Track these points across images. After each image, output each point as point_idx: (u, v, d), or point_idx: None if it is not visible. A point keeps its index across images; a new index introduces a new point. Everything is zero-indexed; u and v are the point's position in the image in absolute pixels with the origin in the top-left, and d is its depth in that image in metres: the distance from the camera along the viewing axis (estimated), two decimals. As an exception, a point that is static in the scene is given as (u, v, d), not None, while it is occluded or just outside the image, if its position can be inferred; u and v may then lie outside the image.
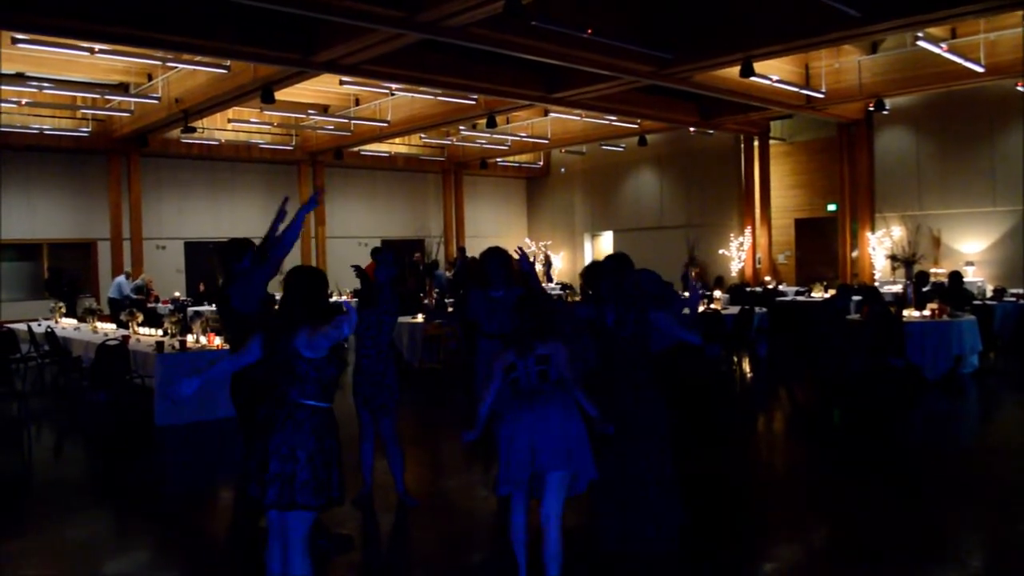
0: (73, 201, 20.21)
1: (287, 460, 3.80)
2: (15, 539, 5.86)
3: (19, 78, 16.99)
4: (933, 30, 14.42)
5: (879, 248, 19.49)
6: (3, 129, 17.82)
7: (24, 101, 17.46)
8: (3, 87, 16.56)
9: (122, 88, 18.45)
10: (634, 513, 5.07)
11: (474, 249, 21.58)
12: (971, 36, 14.97)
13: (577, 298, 17.25)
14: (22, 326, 13.30)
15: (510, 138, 23.11)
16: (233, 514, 6.06)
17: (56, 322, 13.97)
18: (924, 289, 12.96)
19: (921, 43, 14.01)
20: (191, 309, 16.58)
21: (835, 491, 6.59)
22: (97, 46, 13.04)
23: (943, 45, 14.49)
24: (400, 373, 6.27)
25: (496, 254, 6.28)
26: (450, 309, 14.17)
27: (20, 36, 11.97)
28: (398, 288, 6.23)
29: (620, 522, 5.10)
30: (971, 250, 18.68)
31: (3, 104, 17.15)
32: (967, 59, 14.60)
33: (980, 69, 14.81)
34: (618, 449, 4.99)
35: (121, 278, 18.43)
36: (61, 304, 15.16)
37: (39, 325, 13.25)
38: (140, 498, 6.99)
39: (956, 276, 13.47)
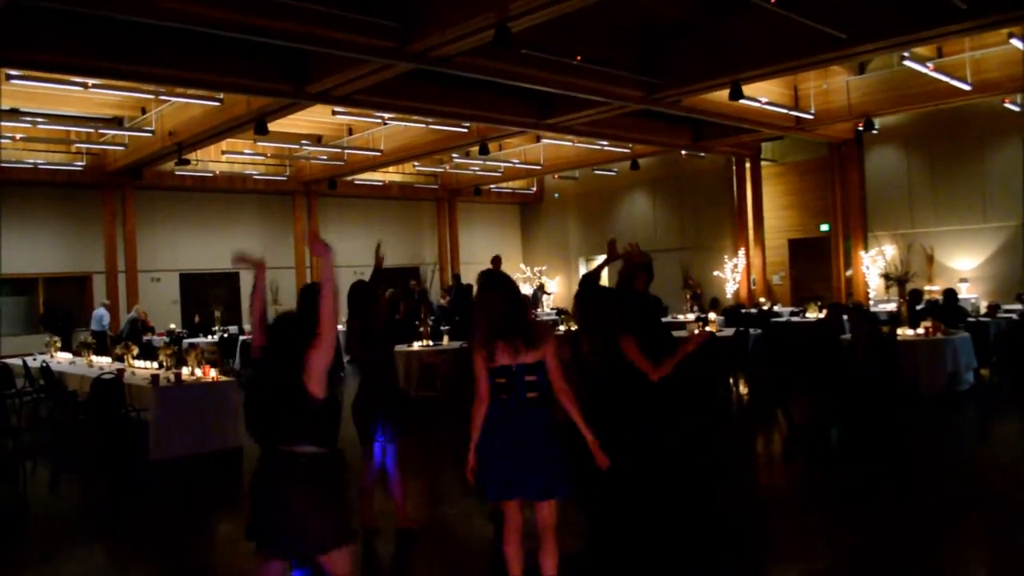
0: (68, 235, 20.24)
1: (303, 511, 3.72)
2: (11, 575, 5.83)
3: (13, 113, 17.06)
4: (919, 49, 14.57)
5: (873, 267, 19.55)
6: (-3, 165, 17.90)
7: (18, 136, 17.52)
8: (-3, 123, 16.65)
9: (116, 122, 18.54)
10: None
11: (469, 276, 21.59)
12: (957, 55, 15.12)
13: (573, 325, 17.26)
14: (17, 361, 13.28)
15: (503, 165, 23.21)
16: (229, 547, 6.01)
17: (51, 356, 13.95)
18: (918, 307, 12.99)
19: (908, 63, 14.15)
20: (186, 341, 16.58)
21: (832, 511, 6.58)
22: (91, 81, 13.12)
23: (929, 64, 14.65)
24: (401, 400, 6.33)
25: (486, 278, 6.30)
26: (446, 336, 14.19)
27: (14, 72, 12.05)
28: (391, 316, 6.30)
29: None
30: (964, 267, 18.75)
31: (-3, 140, 17.24)
32: (954, 77, 14.75)
33: (967, 87, 14.95)
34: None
35: (100, 310, 18.47)
36: (56, 338, 15.14)
37: (34, 360, 13.23)
38: (135, 533, 6.95)
39: (950, 293, 13.51)
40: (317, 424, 3.82)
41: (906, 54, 13.89)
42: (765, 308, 19.06)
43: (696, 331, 8.51)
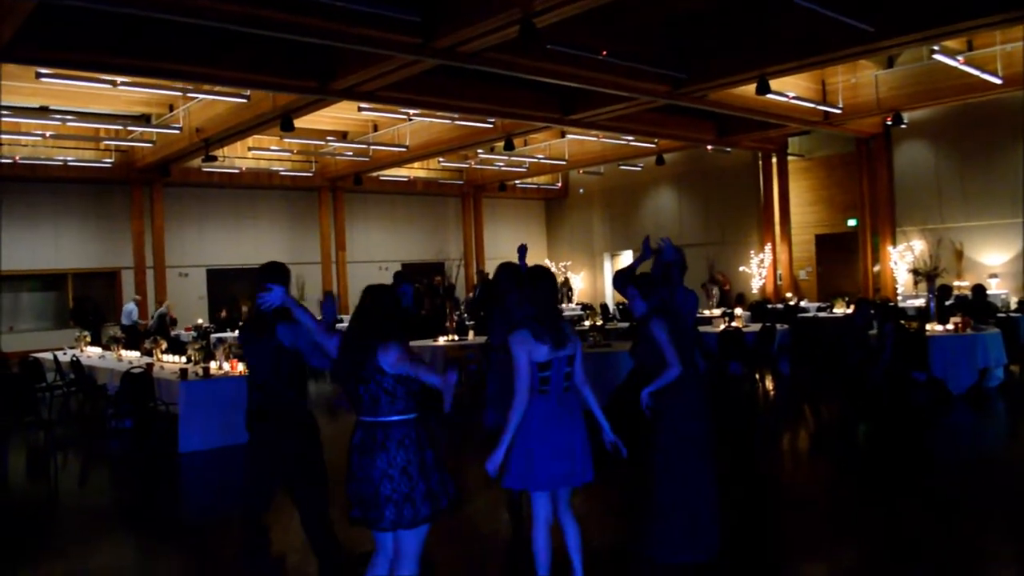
0: (97, 231, 20.48)
1: (400, 480, 3.81)
2: (41, 565, 5.92)
3: (43, 111, 17.28)
4: (949, 43, 14.39)
5: (901, 262, 19.36)
6: (28, 161, 18.13)
7: (48, 134, 17.74)
8: (28, 120, 16.87)
9: (144, 119, 18.72)
10: (680, 520, 5.06)
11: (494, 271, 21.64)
12: (987, 48, 14.93)
13: (598, 320, 17.24)
14: (48, 355, 13.45)
15: (528, 160, 23.21)
16: (248, 538, 6.02)
17: (81, 351, 14.11)
18: (947, 302, 12.85)
19: (937, 56, 13.99)
20: (214, 336, 16.72)
21: (861, 507, 6.53)
22: (119, 79, 13.25)
23: (959, 58, 14.46)
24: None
25: (506, 269, 6.31)
26: (471, 331, 14.21)
27: (44, 71, 12.19)
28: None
29: (665, 530, 5.08)
30: (994, 262, 18.51)
31: (28, 137, 17.46)
32: (984, 71, 14.56)
33: (997, 81, 14.77)
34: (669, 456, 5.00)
35: (130, 304, 18.67)
36: (86, 333, 15.31)
37: (64, 354, 13.39)
38: (164, 525, 7.03)
39: (979, 289, 13.35)
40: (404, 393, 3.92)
41: (936, 48, 13.73)
42: (792, 304, 18.93)
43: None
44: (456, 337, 13.76)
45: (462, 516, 6.71)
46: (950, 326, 11.40)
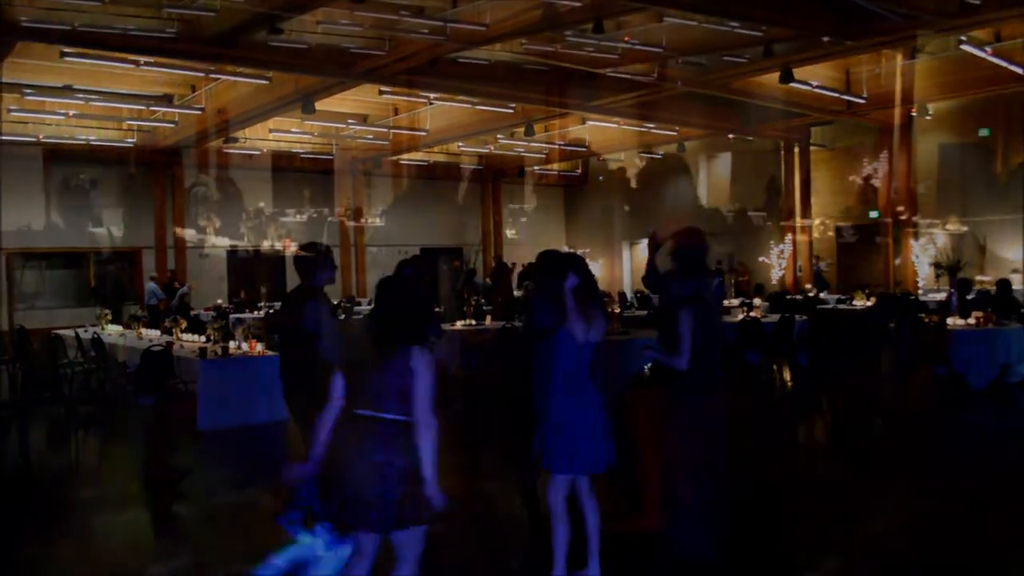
0: (118, 210, 20.59)
1: (399, 479, 3.62)
2: (59, 542, 5.97)
3: (67, 90, 17.36)
4: (976, 33, 14.21)
5: (923, 256, 19.18)
6: (51, 140, 18.25)
7: (71, 113, 17.83)
8: (51, 99, 16.95)
9: (166, 99, 18.78)
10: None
11: (512, 257, 21.63)
12: (1015, 39, 14.72)
13: (616, 308, 17.21)
14: (69, 332, 13.55)
15: (548, 146, 23.13)
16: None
17: (102, 329, 14.20)
18: (968, 297, 12.73)
19: (964, 47, 13.81)
20: (233, 316, 16.80)
21: (877, 502, 6.50)
22: (142, 59, 13.28)
23: (987, 48, 14.27)
24: None
25: (548, 256, 6.30)
26: (488, 316, 14.22)
27: (68, 50, 12.24)
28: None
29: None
30: (1017, 257, 18.29)
31: (52, 116, 17.56)
32: (1011, 62, 14.36)
33: (1025, 72, 14.58)
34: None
35: (151, 284, 18.80)
36: (107, 311, 15.42)
37: (86, 331, 13.48)
38: (183, 502, 7.08)
39: (1004, 284, 13.19)
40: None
41: (963, 38, 13.56)
42: (811, 295, 18.82)
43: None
44: (474, 322, 13.77)
45: (477, 501, 6.73)
46: (971, 320, 11.29)
